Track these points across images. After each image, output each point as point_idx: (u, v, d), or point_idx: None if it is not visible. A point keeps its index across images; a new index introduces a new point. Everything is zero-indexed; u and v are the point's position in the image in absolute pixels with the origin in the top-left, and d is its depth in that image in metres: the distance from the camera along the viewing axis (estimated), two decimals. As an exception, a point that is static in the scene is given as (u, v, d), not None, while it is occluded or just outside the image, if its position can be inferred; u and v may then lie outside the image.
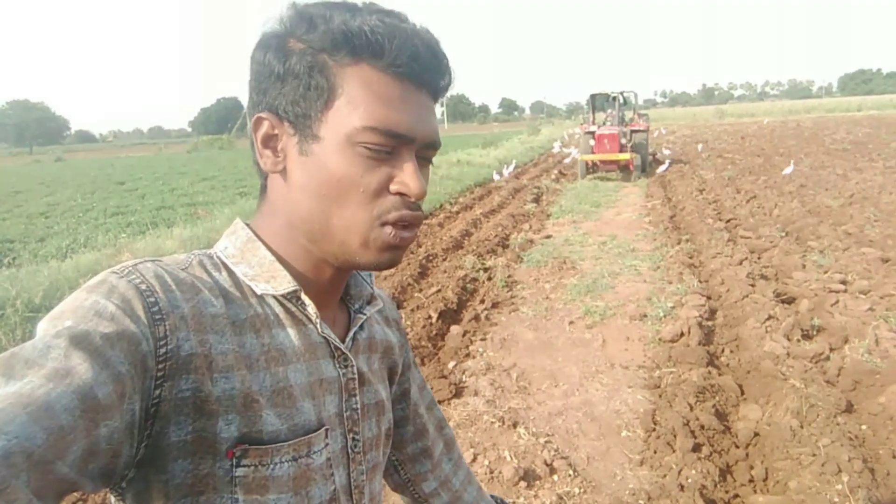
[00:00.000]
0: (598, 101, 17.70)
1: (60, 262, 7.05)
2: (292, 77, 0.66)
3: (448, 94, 0.75)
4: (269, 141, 0.70)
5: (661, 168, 15.73)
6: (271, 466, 0.64)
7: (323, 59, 0.65)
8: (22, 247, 9.53)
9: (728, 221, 8.73)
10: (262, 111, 0.69)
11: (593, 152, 15.04)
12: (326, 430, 0.72)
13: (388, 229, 0.68)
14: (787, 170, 13.11)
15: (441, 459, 1.00)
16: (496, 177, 16.17)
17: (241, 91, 0.74)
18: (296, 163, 0.68)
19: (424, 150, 0.70)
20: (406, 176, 0.67)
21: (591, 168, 15.48)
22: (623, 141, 14.88)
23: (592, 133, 15.29)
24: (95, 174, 29.44)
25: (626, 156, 14.55)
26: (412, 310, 5.44)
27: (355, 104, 0.65)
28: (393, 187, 0.67)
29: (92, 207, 15.18)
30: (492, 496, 1.09)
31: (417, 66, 0.66)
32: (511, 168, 17.46)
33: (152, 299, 0.59)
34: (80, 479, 0.49)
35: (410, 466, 0.97)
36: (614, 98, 16.36)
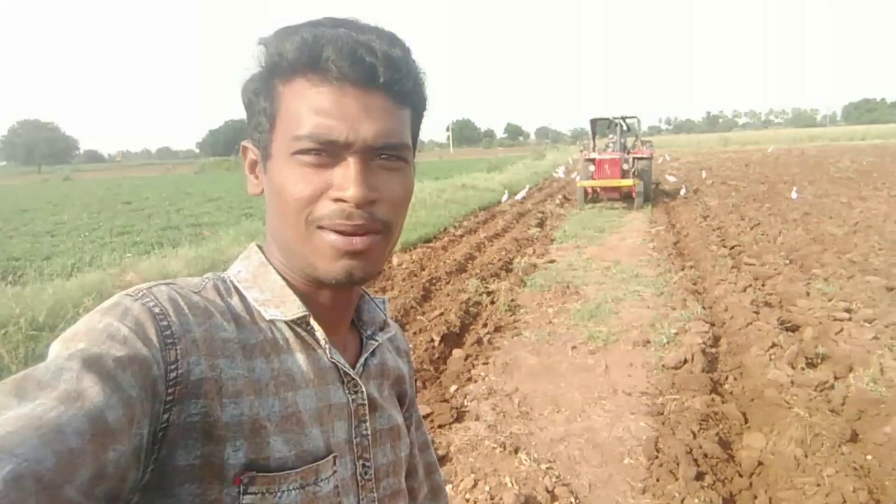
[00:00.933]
0: (600, 127, 16.98)
1: (65, 281, 7.08)
2: (250, 105, 0.71)
3: (450, 118, 0.74)
4: (253, 167, 0.74)
5: (682, 192, 15.85)
6: (279, 494, 0.64)
7: (271, 83, 0.68)
8: (27, 265, 9.56)
9: (732, 248, 8.72)
10: (247, 140, 0.74)
11: (594, 178, 14.51)
12: (335, 457, 0.71)
13: (329, 234, 0.67)
14: (794, 195, 13.53)
15: None
16: (505, 198, 16.38)
17: None
18: (264, 183, 0.72)
19: (379, 150, 0.67)
20: (340, 179, 0.66)
21: (591, 196, 15.02)
22: (625, 167, 14.30)
23: (593, 160, 14.67)
24: (103, 194, 29.68)
25: (628, 182, 13.98)
26: (415, 333, 5.43)
27: (290, 117, 0.66)
28: (331, 193, 0.66)
29: (98, 227, 15.27)
30: None
31: (357, 69, 0.64)
32: (525, 192, 17.45)
33: (165, 323, 0.60)
34: (85, 503, 0.48)
35: None
36: (616, 123, 15.79)
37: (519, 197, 16.73)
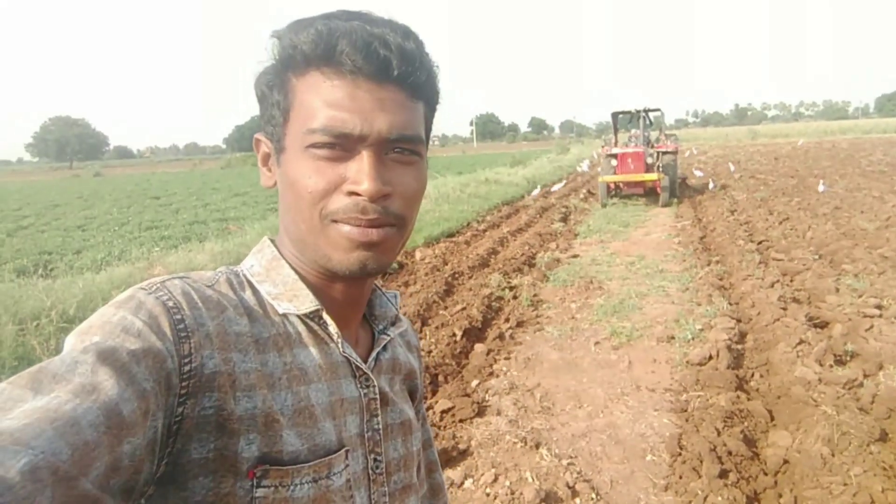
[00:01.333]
0: (622, 121, 16.36)
1: (95, 275, 7.22)
2: (263, 98, 0.71)
3: (474, 113, 0.73)
4: (266, 160, 0.75)
5: (711, 186, 15.55)
6: (291, 488, 0.64)
7: (284, 76, 0.68)
8: (59, 258, 9.79)
9: (760, 243, 8.58)
10: (259, 132, 0.75)
11: (616, 173, 13.87)
12: (347, 451, 0.71)
13: (344, 226, 0.67)
14: (822, 187, 13.44)
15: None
16: (536, 192, 16.47)
17: None
18: (277, 176, 0.72)
19: (393, 144, 0.68)
20: (354, 173, 0.66)
21: (613, 191, 14.43)
22: (649, 161, 13.69)
23: (615, 155, 14.02)
24: (132, 189, 30.20)
25: (652, 176, 13.34)
26: (437, 327, 5.43)
27: (303, 111, 0.66)
28: (345, 187, 0.66)
29: (127, 221, 15.56)
30: None
31: (372, 62, 0.65)
32: (561, 185, 17.26)
33: (178, 316, 0.60)
34: (101, 496, 0.49)
35: None
36: (639, 116, 15.19)
37: (555, 189, 16.59)
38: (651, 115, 15.59)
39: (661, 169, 13.86)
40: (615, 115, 15.80)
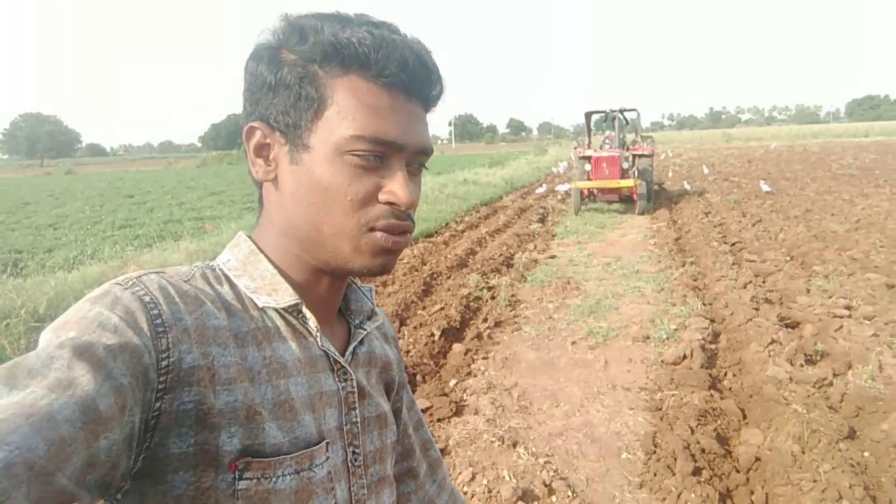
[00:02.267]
0: (597, 122, 15.44)
1: (67, 274, 7.10)
2: (283, 87, 0.68)
3: (453, 113, 0.77)
4: (262, 150, 0.72)
5: (687, 186, 15.52)
6: (274, 479, 0.64)
7: (314, 70, 0.67)
8: (29, 257, 9.60)
9: (733, 245, 8.72)
10: (255, 120, 0.71)
11: (590, 179, 12.99)
12: (327, 443, 0.72)
13: (379, 234, 0.69)
14: (765, 187, 14.14)
15: (425, 481, 0.98)
16: (542, 190, 16.35)
17: None
18: (287, 171, 0.70)
19: (416, 157, 0.71)
20: (395, 185, 0.68)
21: (587, 198, 13.58)
22: (625, 165, 12.84)
23: (588, 158, 13.11)
24: (105, 187, 29.72)
25: (629, 182, 12.53)
26: (415, 327, 5.44)
27: (344, 114, 0.66)
28: (382, 197, 0.68)
29: (100, 220, 15.30)
30: None
31: (406, 76, 0.67)
32: (567, 187, 16.02)
33: (155, 311, 0.60)
34: (78, 491, 0.49)
35: (396, 486, 0.96)
36: (613, 117, 14.32)
37: (562, 189, 16.19)
38: (626, 115, 14.74)
39: (637, 174, 13.17)
40: (588, 115, 14.80)
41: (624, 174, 12.77)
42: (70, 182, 38.53)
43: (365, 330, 0.82)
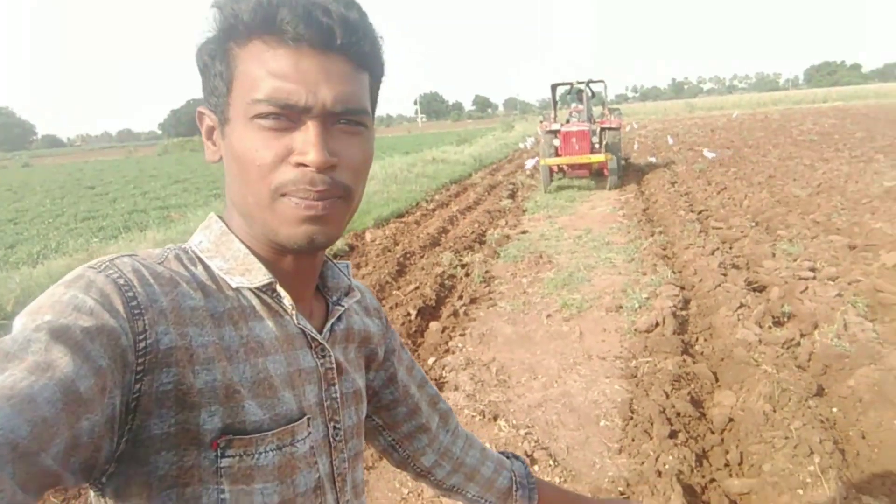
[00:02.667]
0: (563, 95, 14.70)
1: (31, 269, 6.94)
2: (205, 68, 0.69)
3: (418, 92, 0.75)
4: (211, 133, 0.73)
5: (652, 159, 15.30)
6: (256, 456, 0.65)
7: (226, 46, 0.67)
8: (-10, 254, 9.33)
9: (700, 213, 8.86)
10: (203, 105, 0.73)
11: (559, 154, 12.41)
12: (308, 418, 0.72)
13: (291, 200, 0.66)
14: (708, 153, 14.45)
15: (438, 433, 1.02)
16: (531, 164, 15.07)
17: None
18: (223, 149, 0.71)
19: (344, 117, 0.68)
20: (300, 145, 0.65)
21: (556, 174, 13.02)
22: (595, 140, 12.40)
23: (556, 132, 12.47)
24: (64, 179, 28.94)
25: (600, 157, 12.04)
26: (391, 307, 5.44)
27: (246, 81, 0.66)
28: (292, 159, 0.66)
29: (62, 213, 14.93)
30: (502, 452, 1.12)
31: (313, 32, 0.64)
32: (534, 162, 15.21)
33: (130, 294, 0.60)
34: (62, 473, 0.49)
35: (408, 444, 0.99)
36: (580, 90, 13.64)
37: (529, 164, 15.19)
38: (594, 87, 14.14)
39: (606, 148, 12.55)
40: (554, 88, 14.03)
41: (594, 148, 12.32)
42: (27, 175, 37.44)
43: (342, 307, 0.83)
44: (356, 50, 0.67)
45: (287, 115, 0.65)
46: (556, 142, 12.45)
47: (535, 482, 1.10)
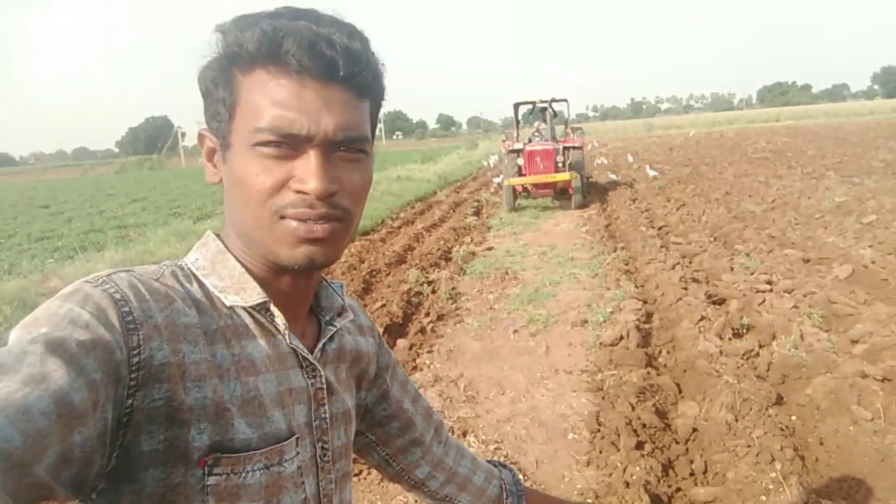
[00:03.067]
0: (525, 114, 14.68)
1: (-17, 291, 6.69)
2: (207, 93, 0.71)
3: (384, 103, 0.76)
4: (211, 155, 0.74)
5: (612, 176, 15.46)
6: (243, 475, 0.65)
7: (229, 72, 0.68)
8: (-62, 276, 8.98)
9: (660, 229, 9.06)
10: (204, 128, 0.74)
11: (522, 173, 12.31)
12: (297, 438, 0.72)
13: (291, 222, 0.67)
14: (652, 172, 15.10)
15: (431, 445, 1.02)
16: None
17: (170, 109, 0.77)
18: (223, 172, 0.72)
19: (346, 144, 0.69)
20: (303, 173, 0.66)
21: (520, 194, 12.88)
22: (558, 159, 12.38)
23: (520, 151, 12.48)
24: (16, 198, 28.08)
25: (565, 176, 11.82)
26: (357, 325, 5.41)
27: (249, 108, 0.67)
28: (292, 184, 0.67)
29: (14, 233, 14.46)
30: (489, 461, 1.13)
31: (318, 62, 0.65)
32: (501, 179, 14.93)
33: (126, 308, 0.60)
34: (54, 486, 0.49)
35: (402, 458, 1.00)
36: (543, 108, 13.62)
37: (497, 181, 15.09)
38: (556, 106, 13.90)
39: (569, 167, 12.55)
40: (517, 107, 13.92)
41: (558, 167, 12.26)
42: (-23, 194, 36.25)
43: (334, 327, 0.83)
44: (358, 80, 0.68)
45: (289, 144, 0.66)
46: (520, 161, 12.40)
47: (524, 490, 1.12)
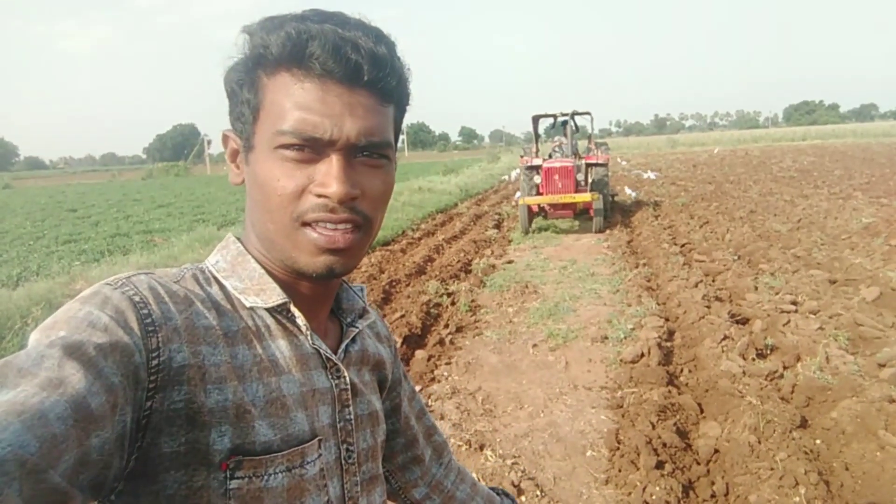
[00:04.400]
0: (546, 130, 14.12)
1: (11, 291, 6.82)
2: (232, 94, 0.71)
3: (408, 109, 0.75)
4: (234, 156, 0.75)
5: (632, 194, 14.88)
6: (265, 478, 0.65)
7: (254, 74, 0.68)
8: (-31, 275, 9.18)
9: (683, 246, 8.97)
10: (229, 129, 0.74)
11: (540, 192, 11.42)
12: (320, 440, 0.72)
13: (312, 232, 0.68)
14: (630, 192, 14.92)
15: (430, 465, 1.01)
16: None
17: (197, 117, 0.74)
18: (246, 174, 0.72)
19: (369, 150, 0.69)
20: (322, 176, 0.66)
21: (537, 215, 11.79)
22: (579, 177, 11.41)
23: (537, 168, 11.52)
24: (46, 201, 28.64)
25: (585, 196, 10.74)
26: (376, 335, 5.42)
27: (273, 111, 0.67)
28: (313, 189, 0.67)
29: (43, 235, 14.73)
30: (492, 488, 1.11)
31: (342, 66, 0.65)
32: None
33: (145, 311, 0.60)
34: (70, 490, 0.49)
35: (401, 475, 0.99)
36: (564, 122, 12.56)
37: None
38: (577, 119, 12.83)
39: (592, 185, 11.67)
40: (536, 119, 12.69)
41: (578, 186, 11.35)
42: (8, 196, 37.01)
43: (357, 328, 0.83)
44: (382, 85, 0.68)
45: (311, 147, 0.66)
46: (537, 179, 11.52)
47: None
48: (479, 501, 1.05)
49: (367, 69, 0.66)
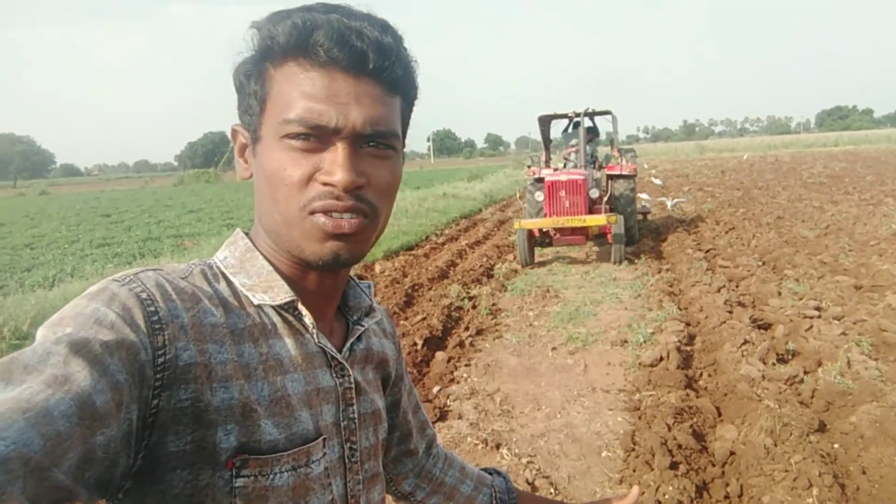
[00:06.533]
0: (563, 133, 10.88)
1: (47, 291, 7.08)
2: (240, 87, 0.72)
3: (431, 129, 0.77)
4: (243, 150, 0.75)
5: (669, 204, 13.78)
6: (271, 476, 0.65)
7: (262, 66, 0.69)
8: (8, 276, 9.51)
9: (707, 251, 8.92)
10: (237, 123, 0.75)
11: (543, 213, 8.87)
12: (324, 439, 0.72)
13: (319, 217, 0.67)
14: (657, 181, 15.13)
15: (422, 458, 1.03)
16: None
17: (228, 125, 0.77)
18: (254, 167, 0.73)
19: (375, 139, 0.69)
20: (328, 165, 0.67)
21: (539, 240, 9.16)
22: (594, 194, 8.81)
23: (542, 181, 9.03)
24: (80, 207, 29.39)
25: (599, 219, 8.21)
26: (398, 337, 5.50)
27: (279, 101, 0.67)
28: (318, 177, 0.67)
29: (77, 239, 15.18)
30: (484, 468, 1.12)
31: (348, 56, 0.65)
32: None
33: (152, 308, 0.60)
34: (75, 488, 0.48)
35: (393, 468, 1.00)
36: (577, 122, 10.07)
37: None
38: (594, 119, 10.48)
39: (613, 204, 9.12)
40: (544, 121, 10.39)
41: (594, 206, 8.82)
42: (45, 202, 38.05)
43: (362, 326, 0.83)
44: (388, 74, 0.68)
45: (317, 136, 0.66)
46: (541, 196, 8.92)
47: (517, 496, 1.10)
48: (468, 483, 1.06)
49: (373, 57, 0.66)
